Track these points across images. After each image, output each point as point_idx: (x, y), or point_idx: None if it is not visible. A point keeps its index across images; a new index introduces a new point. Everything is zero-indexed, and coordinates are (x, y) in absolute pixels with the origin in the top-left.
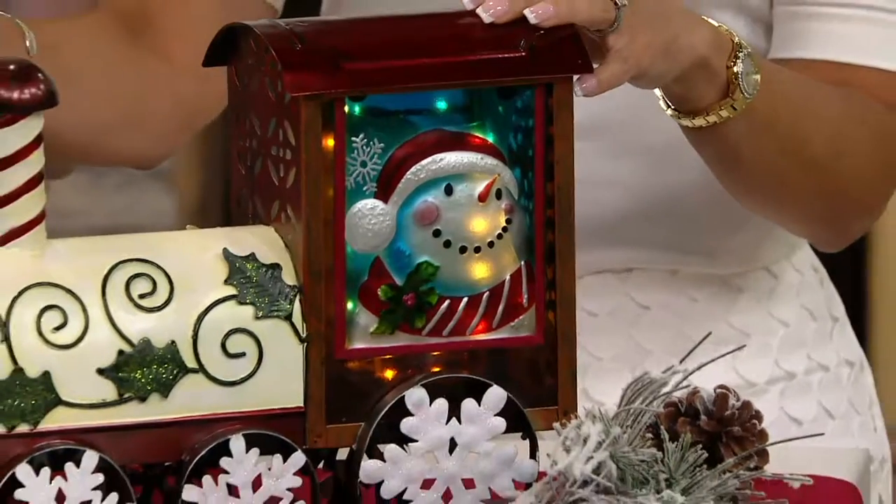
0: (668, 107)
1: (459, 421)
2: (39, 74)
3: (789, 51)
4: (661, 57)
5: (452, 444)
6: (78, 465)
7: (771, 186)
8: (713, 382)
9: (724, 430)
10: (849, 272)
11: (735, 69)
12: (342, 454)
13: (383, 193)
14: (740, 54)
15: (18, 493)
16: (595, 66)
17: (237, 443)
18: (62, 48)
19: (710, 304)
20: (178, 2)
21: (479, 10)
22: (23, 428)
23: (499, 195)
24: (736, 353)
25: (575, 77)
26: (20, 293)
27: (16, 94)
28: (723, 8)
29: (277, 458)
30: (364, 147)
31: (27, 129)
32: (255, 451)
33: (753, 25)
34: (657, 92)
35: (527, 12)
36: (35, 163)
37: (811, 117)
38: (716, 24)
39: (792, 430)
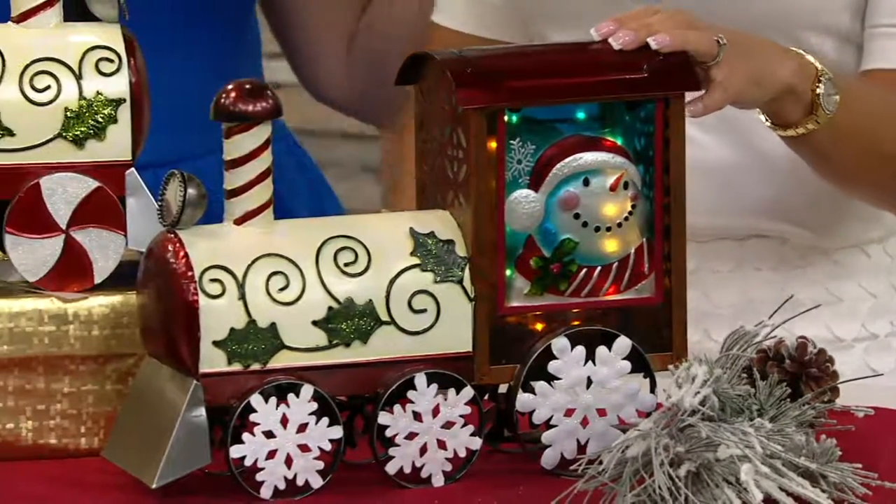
0: (766, 120)
1: (594, 363)
2: (268, 91)
3: (866, 63)
4: (754, 86)
5: (589, 382)
6: (298, 395)
7: (855, 177)
8: (808, 336)
9: (804, 371)
10: None
11: (818, 91)
12: (503, 389)
13: (535, 185)
14: (822, 78)
15: (252, 417)
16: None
17: (420, 379)
18: None
19: (812, 271)
20: None
21: (610, 40)
22: (255, 366)
23: (626, 186)
24: (832, 315)
25: (686, 101)
26: (253, 262)
27: (251, 107)
28: (812, 31)
29: (452, 391)
30: (520, 148)
31: (259, 134)
32: (434, 386)
33: (842, 45)
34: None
35: (649, 40)
36: (265, 160)
37: (885, 122)
38: (802, 53)
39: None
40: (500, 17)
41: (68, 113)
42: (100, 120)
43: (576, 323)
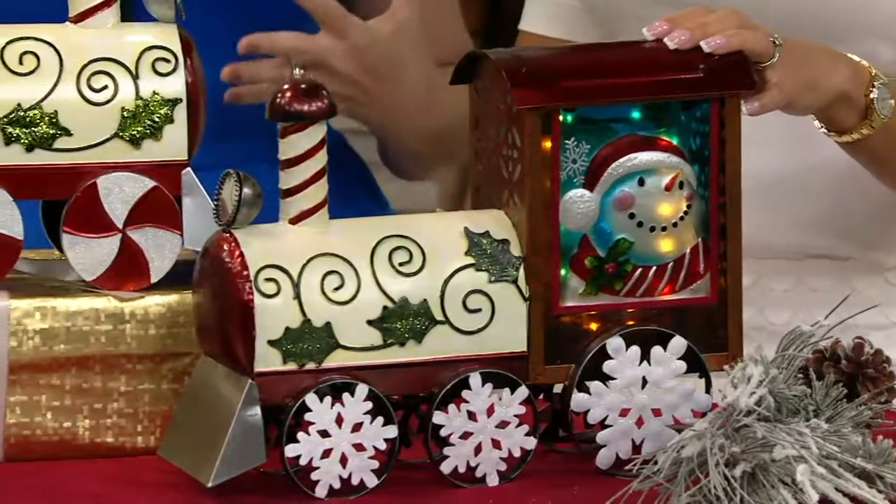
0: (821, 126)
1: (649, 363)
2: (323, 91)
3: None
4: (809, 91)
5: (644, 382)
6: (353, 394)
7: None
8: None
9: (860, 371)
10: None
11: (872, 96)
12: (557, 388)
13: (590, 184)
14: (876, 83)
15: (307, 416)
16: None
17: (475, 379)
18: None
19: (868, 294)
20: None
21: (665, 39)
22: (310, 365)
23: (681, 186)
24: (884, 339)
25: (743, 101)
26: (308, 261)
27: (306, 107)
28: (866, 35)
29: (506, 391)
30: (575, 148)
31: (314, 134)
32: (489, 385)
33: None
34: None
35: (702, 44)
36: (320, 160)
37: None
38: (856, 58)
39: None
40: (583, 21)
41: (125, 113)
42: (156, 120)
43: (631, 323)
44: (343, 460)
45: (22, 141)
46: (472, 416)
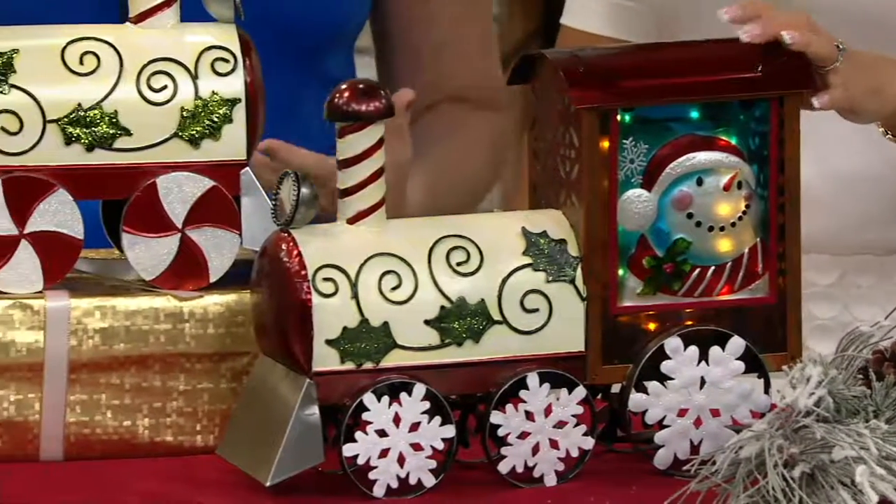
0: (886, 133)
1: (708, 364)
2: (381, 91)
3: None
4: (873, 96)
5: (702, 382)
6: (410, 394)
7: None
8: None
9: None
10: None
11: None
12: (615, 388)
13: (648, 184)
14: None
15: (365, 415)
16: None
17: (533, 379)
18: None
19: None
20: None
21: (739, 32)
22: (368, 365)
23: (740, 186)
24: None
25: (811, 97)
26: (365, 261)
27: (364, 107)
28: None
29: (564, 391)
30: (632, 147)
31: (372, 134)
32: (546, 385)
33: None
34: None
35: (784, 34)
36: (377, 160)
37: None
38: None
39: None
40: (632, 19)
41: (184, 113)
42: (215, 119)
43: (689, 323)
44: (401, 460)
45: (82, 141)
46: (529, 415)
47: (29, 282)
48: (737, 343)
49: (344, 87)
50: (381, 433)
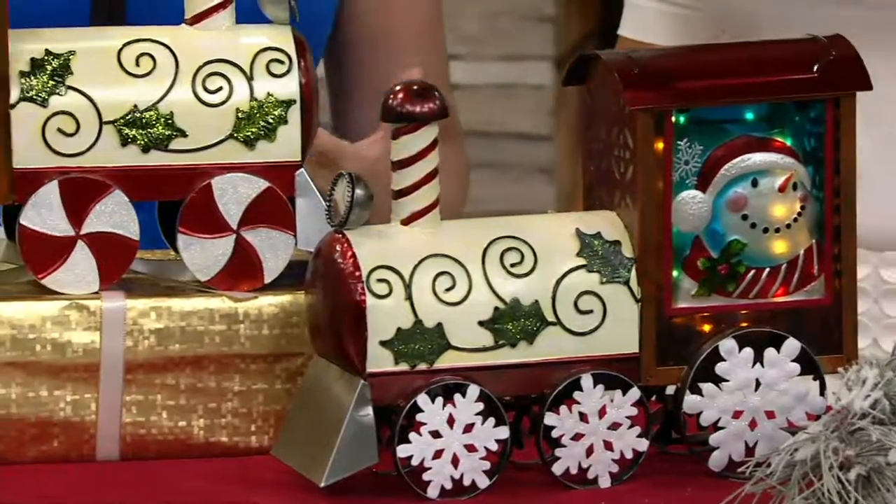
0: None
1: (763, 365)
2: (435, 93)
3: None
4: None
5: (757, 384)
6: (464, 395)
7: None
8: None
9: None
10: None
11: None
12: (670, 390)
13: (702, 185)
14: None
15: (419, 417)
16: None
17: (587, 380)
18: None
19: None
20: None
21: None
22: (422, 366)
23: (795, 187)
24: None
25: None
26: (419, 262)
27: (418, 108)
28: None
29: (618, 392)
30: (687, 149)
31: (426, 135)
32: (600, 386)
33: None
34: None
35: None
36: (432, 161)
37: None
38: None
39: None
40: (689, 27)
41: (239, 114)
42: (270, 121)
43: (744, 324)
44: (455, 461)
45: (138, 142)
46: (583, 417)
47: (85, 282)
48: (792, 345)
49: (398, 88)
50: (435, 434)
